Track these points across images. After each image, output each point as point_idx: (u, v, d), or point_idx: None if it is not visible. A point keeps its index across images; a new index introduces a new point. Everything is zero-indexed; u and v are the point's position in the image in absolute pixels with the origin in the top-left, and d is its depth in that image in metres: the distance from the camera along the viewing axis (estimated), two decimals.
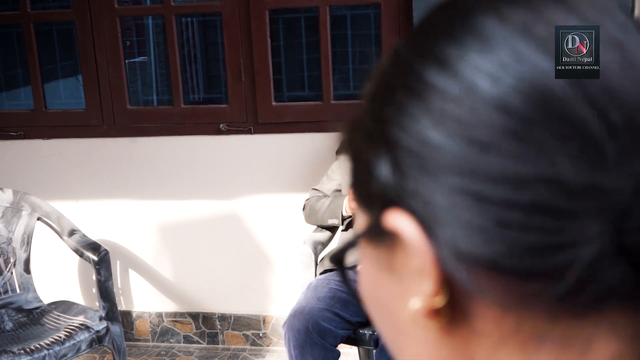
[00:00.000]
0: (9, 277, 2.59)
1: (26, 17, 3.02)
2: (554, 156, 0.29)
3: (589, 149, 0.29)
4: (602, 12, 0.36)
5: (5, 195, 2.65)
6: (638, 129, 0.30)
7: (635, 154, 0.29)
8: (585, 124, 0.31)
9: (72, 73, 6.80)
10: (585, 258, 0.28)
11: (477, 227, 0.29)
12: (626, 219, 0.28)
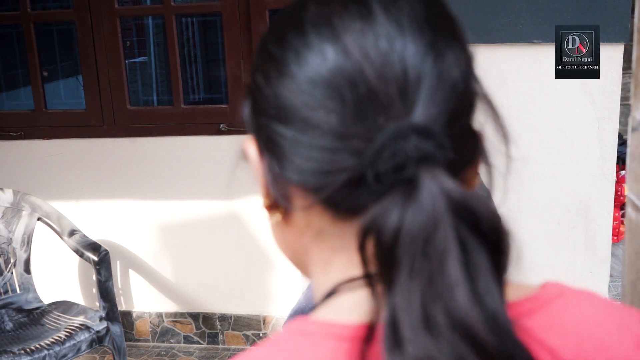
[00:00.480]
0: (9, 277, 2.59)
1: (26, 17, 3.02)
2: (341, 114, 0.44)
3: (362, 112, 0.44)
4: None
5: (6, 196, 2.64)
6: (373, 100, 0.43)
7: (377, 116, 0.43)
8: (361, 97, 0.44)
9: (72, 73, 6.80)
10: (343, 181, 0.43)
11: (290, 159, 0.45)
12: (377, 158, 0.42)
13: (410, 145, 0.42)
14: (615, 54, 2.58)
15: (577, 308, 0.52)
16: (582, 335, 0.48)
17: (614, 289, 2.98)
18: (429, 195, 0.41)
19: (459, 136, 0.47)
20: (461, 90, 0.48)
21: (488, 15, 2.61)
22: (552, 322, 0.49)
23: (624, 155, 3.36)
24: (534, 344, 0.45)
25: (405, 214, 0.41)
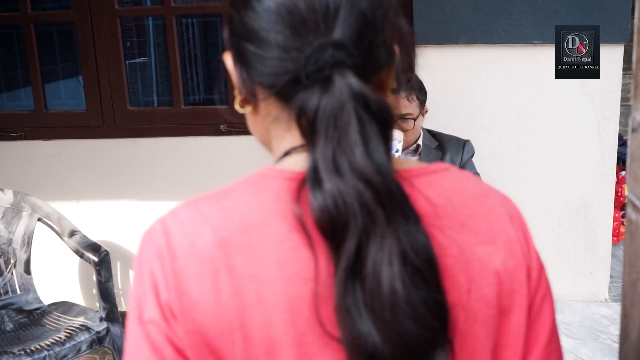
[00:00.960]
0: (9, 277, 2.59)
1: (26, 17, 3.02)
2: (284, 34, 0.62)
3: (297, 32, 0.62)
4: None
5: (6, 196, 2.65)
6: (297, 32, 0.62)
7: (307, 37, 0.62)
8: (301, 24, 0.62)
9: (73, 74, 6.80)
10: (287, 80, 0.62)
11: (253, 66, 0.65)
12: (306, 64, 0.61)
13: (328, 54, 0.61)
14: (615, 55, 2.58)
15: (456, 178, 0.70)
16: (454, 194, 0.68)
17: (614, 290, 2.98)
18: (338, 87, 0.60)
19: (367, 49, 0.63)
20: (369, 18, 0.64)
21: (488, 16, 2.61)
22: (432, 182, 0.68)
23: (624, 155, 3.37)
24: (414, 193, 0.64)
25: (322, 100, 0.60)
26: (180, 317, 0.61)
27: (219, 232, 0.62)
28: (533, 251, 0.72)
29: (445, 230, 0.64)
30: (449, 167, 0.70)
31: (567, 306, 2.79)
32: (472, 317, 0.64)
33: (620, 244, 3.45)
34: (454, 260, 0.63)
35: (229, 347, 0.60)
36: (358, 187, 0.57)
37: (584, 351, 2.44)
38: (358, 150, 0.58)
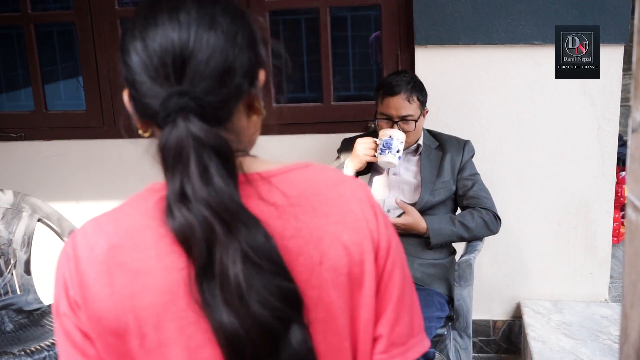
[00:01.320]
0: (9, 278, 2.59)
1: (26, 18, 3.02)
2: (147, 83, 0.77)
3: (156, 82, 0.76)
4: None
5: (6, 197, 2.64)
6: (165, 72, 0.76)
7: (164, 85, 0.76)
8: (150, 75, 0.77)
9: (73, 74, 6.80)
10: (154, 116, 0.76)
11: (135, 104, 0.79)
12: (162, 109, 0.75)
13: (173, 102, 0.75)
14: (615, 55, 2.58)
15: (312, 172, 0.85)
16: (308, 185, 0.82)
17: (614, 290, 2.98)
18: (180, 128, 0.74)
19: (214, 93, 0.77)
20: (216, 67, 0.76)
21: (488, 16, 2.61)
22: (289, 178, 0.82)
23: (624, 156, 3.37)
24: (272, 189, 0.80)
25: (169, 138, 0.74)
26: (83, 308, 0.78)
27: (111, 238, 0.79)
28: (383, 228, 0.84)
29: (298, 215, 0.80)
30: (309, 164, 0.86)
31: (567, 306, 2.79)
32: (325, 283, 0.79)
33: (620, 245, 3.45)
34: (305, 240, 0.79)
35: (124, 327, 0.77)
36: (200, 210, 0.73)
37: (584, 352, 2.44)
38: (197, 180, 0.73)
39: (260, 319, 0.72)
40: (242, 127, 0.83)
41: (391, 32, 2.78)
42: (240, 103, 0.81)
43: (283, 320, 0.74)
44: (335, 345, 0.81)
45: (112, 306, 0.77)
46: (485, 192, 2.38)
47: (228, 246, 0.73)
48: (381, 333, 0.84)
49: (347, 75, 6.59)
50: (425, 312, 2.13)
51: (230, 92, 0.78)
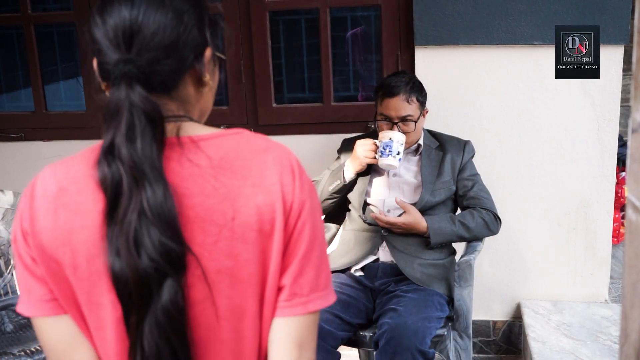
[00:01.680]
0: (9, 279, 2.59)
1: (27, 18, 3.02)
2: (104, 52, 0.90)
3: (110, 51, 0.90)
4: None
5: (6, 197, 2.65)
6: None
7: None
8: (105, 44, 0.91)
9: (73, 75, 6.80)
10: (112, 79, 0.89)
11: (99, 68, 0.93)
12: (113, 73, 0.88)
13: (119, 68, 0.88)
14: (615, 56, 2.58)
15: (241, 138, 0.95)
16: (232, 150, 0.93)
17: (614, 290, 2.97)
18: (121, 92, 0.87)
19: (156, 63, 0.90)
20: (162, 42, 0.90)
21: (488, 17, 2.61)
22: (217, 143, 0.93)
23: (624, 156, 3.36)
24: (198, 152, 0.91)
25: (111, 99, 0.88)
26: (31, 237, 0.92)
27: (60, 182, 0.94)
28: (298, 192, 0.94)
29: (218, 176, 0.91)
30: (242, 131, 0.97)
31: (567, 307, 2.79)
32: (236, 237, 0.91)
33: (620, 245, 3.45)
34: (222, 198, 0.90)
35: (62, 256, 0.91)
36: (117, 165, 0.86)
37: (584, 352, 2.44)
38: (122, 139, 0.86)
39: (140, 268, 0.85)
40: (190, 96, 0.96)
41: (391, 32, 2.78)
42: (186, 75, 0.94)
43: (160, 274, 0.86)
44: (240, 291, 0.93)
45: (54, 239, 0.91)
46: (486, 192, 2.38)
47: (130, 199, 0.86)
48: (285, 283, 0.94)
49: (347, 76, 6.59)
50: (425, 312, 2.13)
51: (174, 64, 0.92)
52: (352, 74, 6.48)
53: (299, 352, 0.96)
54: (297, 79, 6.94)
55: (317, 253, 0.96)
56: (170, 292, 0.86)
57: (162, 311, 0.86)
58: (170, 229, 0.86)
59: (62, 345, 0.95)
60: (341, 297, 2.23)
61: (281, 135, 2.89)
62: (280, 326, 0.95)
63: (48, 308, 0.94)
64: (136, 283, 0.86)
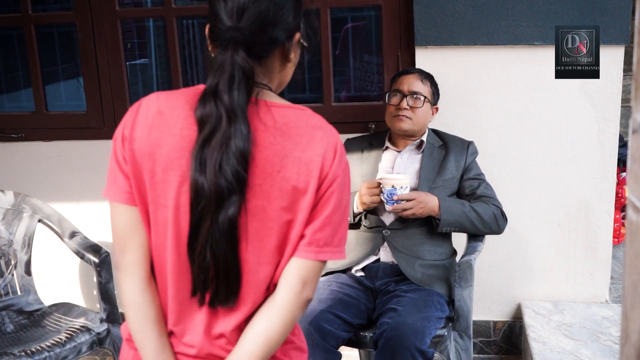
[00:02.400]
0: (9, 279, 2.59)
1: (27, 19, 3.02)
2: (221, 19, 1.16)
3: (225, 18, 1.16)
4: None
5: (7, 198, 2.65)
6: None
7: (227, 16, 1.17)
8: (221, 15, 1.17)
9: (73, 75, 6.80)
10: (221, 41, 1.14)
11: (212, 33, 1.19)
12: (225, 36, 1.14)
13: (229, 34, 1.12)
14: (615, 56, 2.58)
15: (303, 114, 1.19)
16: (293, 120, 1.17)
17: (614, 291, 2.97)
18: (227, 53, 1.12)
19: (259, 35, 1.14)
20: (265, 18, 1.14)
21: (489, 17, 2.61)
22: (283, 112, 1.18)
23: (625, 157, 3.36)
24: (268, 114, 1.16)
25: (219, 56, 1.12)
26: (128, 142, 1.18)
27: (160, 107, 1.18)
28: (335, 167, 1.17)
29: (277, 136, 1.15)
30: (306, 108, 1.20)
31: (567, 307, 2.79)
32: (276, 185, 1.14)
33: (620, 245, 3.45)
34: (275, 152, 1.14)
35: (145, 163, 1.16)
36: (218, 108, 1.11)
37: (585, 352, 2.44)
38: (225, 86, 1.11)
39: (218, 183, 1.10)
40: (275, 68, 1.21)
41: (392, 32, 2.78)
42: (276, 50, 1.19)
43: (230, 192, 1.10)
44: (267, 227, 1.16)
45: (143, 148, 1.16)
46: (492, 191, 2.39)
47: (222, 134, 1.10)
48: (307, 233, 1.18)
49: (347, 76, 6.58)
50: (425, 312, 2.13)
51: (269, 39, 1.16)
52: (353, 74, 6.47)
53: (302, 287, 1.20)
54: (297, 79, 6.93)
55: (338, 218, 1.19)
56: (235, 206, 1.11)
57: (229, 220, 1.11)
58: (244, 162, 1.11)
59: (126, 228, 1.23)
60: (342, 297, 2.23)
61: None
62: (294, 264, 1.19)
63: (125, 198, 1.21)
64: (214, 194, 1.10)
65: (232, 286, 1.16)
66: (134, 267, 1.23)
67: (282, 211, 1.16)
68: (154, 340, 1.22)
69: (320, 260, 1.20)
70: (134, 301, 1.22)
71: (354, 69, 5.12)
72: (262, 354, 1.20)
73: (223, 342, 1.22)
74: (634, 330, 0.65)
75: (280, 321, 1.20)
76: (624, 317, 0.67)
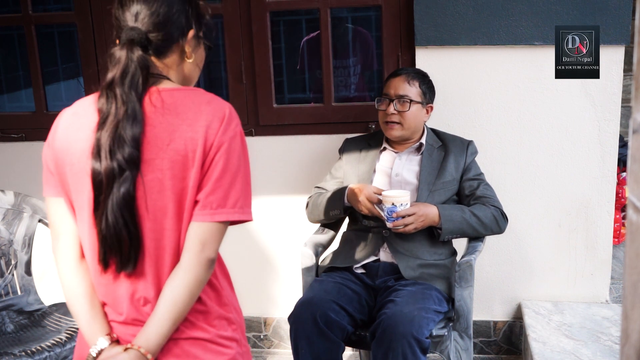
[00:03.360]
0: (10, 279, 2.59)
1: (27, 19, 3.02)
2: (124, 22, 1.38)
3: (123, 25, 1.36)
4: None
5: (7, 197, 2.64)
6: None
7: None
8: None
9: (74, 75, 6.79)
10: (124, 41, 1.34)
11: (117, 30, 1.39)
12: (124, 37, 1.33)
13: (128, 33, 1.31)
14: (616, 56, 2.58)
15: (193, 93, 1.34)
16: (181, 99, 1.32)
17: (615, 291, 2.97)
18: (124, 51, 1.30)
19: (154, 34, 1.32)
20: (159, 19, 1.32)
21: (489, 17, 2.61)
22: (173, 93, 1.33)
23: (625, 157, 3.36)
24: (158, 97, 1.31)
25: (118, 53, 1.31)
26: (51, 144, 1.40)
27: (76, 109, 1.38)
28: (221, 135, 1.30)
29: (166, 114, 1.29)
30: (198, 89, 1.36)
31: (567, 307, 2.79)
32: (167, 157, 1.28)
33: (621, 245, 3.45)
34: (163, 128, 1.29)
35: (65, 157, 1.35)
36: (110, 98, 1.28)
37: (585, 352, 2.44)
38: (118, 80, 1.28)
39: (110, 166, 1.25)
40: (174, 63, 1.38)
41: (392, 32, 2.78)
42: (173, 46, 1.35)
43: (121, 170, 1.25)
44: (164, 196, 1.29)
45: (62, 145, 1.36)
46: (492, 191, 2.39)
47: (114, 118, 1.26)
48: (199, 198, 1.30)
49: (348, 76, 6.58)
50: (422, 303, 2.11)
51: (164, 36, 1.33)
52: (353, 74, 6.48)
53: (202, 248, 1.31)
54: (297, 79, 6.94)
55: (228, 181, 1.31)
56: (128, 182, 1.26)
57: (122, 195, 1.26)
58: (133, 142, 1.26)
59: (57, 217, 1.40)
60: (346, 291, 2.23)
61: (282, 136, 2.89)
62: (193, 228, 1.31)
63: (53, 192, 1.39)
64: (106, 174, 1.26)
65: (129, 253, 1.29)
66: (65, 249, 1.39)
67: (175, 180, 1.28)
68: (86, 311, 1.37)
69: (218, 222, 1.32)
70: (67, 279, 1.39)
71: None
72: (172, 314, 1.31)
73: (148, 308, 1.34)
74: (634, 330, 0.65)
75: (184, 281, 1.31)
76: (624, 317, 0.67)
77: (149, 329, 1.32)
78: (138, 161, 1.26)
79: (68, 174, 1.34)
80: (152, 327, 1.32)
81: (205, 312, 1.38)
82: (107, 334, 1.36)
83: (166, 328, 1.32)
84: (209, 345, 1.37)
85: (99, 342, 1.35)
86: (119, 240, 1.28)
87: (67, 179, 1.35)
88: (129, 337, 1.36)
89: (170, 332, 1.33)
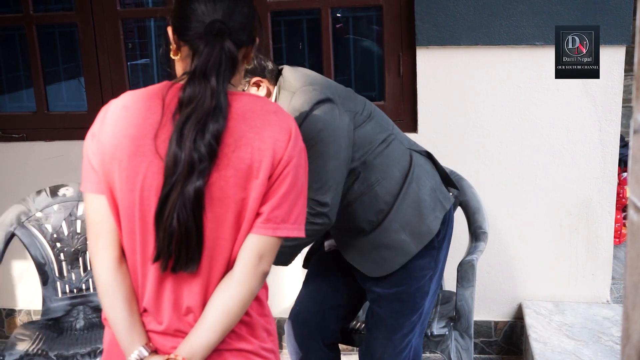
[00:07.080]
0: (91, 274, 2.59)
1: (28, 19, 3.02)
2: (199, 21, 1.29)
3: (202, 18, 1.29)
4: None
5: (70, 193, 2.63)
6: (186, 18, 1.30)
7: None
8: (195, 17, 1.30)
9: (75, 75, 6.80)
10: (197, 38, 1.28)
11: (182, 32, 1.31)
12: (205, 30, 1.27)
13: (217, 25, 1.25)
14: (617, 56, 2.58)
15: (259, 100, 1.32)
16: (250, 107, 1.29)
17: (615, 291, 2.97)
18: (213, 44, 1.24)
19: (237, 31, 1.28)
20: (241, 17, 1.29)
21: (489, 17, 2.61)
22: (244, 99, 1.30)
23: (626, 157, 3.35)
24: (235, 102, 1.27)
25: (205, 49, 1.25)
26: (97, 137, 1.30)
27: (126, 102, 1.30)
28: (290, 149, 1.26)
29: (238, 120, 1.25)
30: (261, 96, 1.36)
31: (568, 308, 2.79)
32: (232, 164, 1.23)
33: (622, 246, 3.45)
34: (230, 134, 1.24)
35: (113, 152, 1.26)
36: (201, 91, 1.22)
37: (586, 353, 2.43)
38: (213, 72, 1.23)
39: (189, 158, 1.19)
40: (242, 66, 1.36)
41: (393, 32, 2.78)
42: (243, 49, 1.31)
43: (201, 162, 1.20)
44: (224, 203, 1.24)
45: (110, 139, 1.27)
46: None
47: (200, 119, 1.21)
48: (263, 211, 1.25)
49: (348, 76, 6.58)
50: (394, 336, 2.01)
51: (244, 36, 1.30)
52: (354, 74, 6.48)
53: (259, 261, 1.27)
54: None
55: (294, 196, 1.27)
56: (202, 177, 1.20)
57: (194, 188, 1.20)
58: (217, 138, 1.22)
59: (98, 215, 1.31)
60: (333, 285, 2.17)
61: None
62: (252, 240, 1.26)
63: (95, 188, 1.31)
64: (187, 165, 1.19)
65: (194, 251, 1.23)
66: (105, 249, 1.30)
67: (237, 189, 1.23)
68: (124, 318, 1.29)
69: (277, 237, 1.27)
70: (105, 281, 1.30)
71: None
72: (221, 325, 1.26)
73: (191, 318, 1.28)
74: (635, 331, 0.65)
75: (238, 293, 1.26)
76: (625, 318, 0.67)
77: (194, 338, 1.26)
78: (215, 156, 1.22)
79: (116, 171, 1.26)
80: (198, 337, 1.26)
81: (250, 324, 1.33)
82: (146, 344, 1.29)
83: (214, 339, 1.26)
84: (252, 357, 1.33)
85: (139, 351, 1.28)
86: (187, 236, 1.21)
87: (114, 176, 1.27)
88: (169, 349, 1.29)
89: (217, 344, 1.27)
